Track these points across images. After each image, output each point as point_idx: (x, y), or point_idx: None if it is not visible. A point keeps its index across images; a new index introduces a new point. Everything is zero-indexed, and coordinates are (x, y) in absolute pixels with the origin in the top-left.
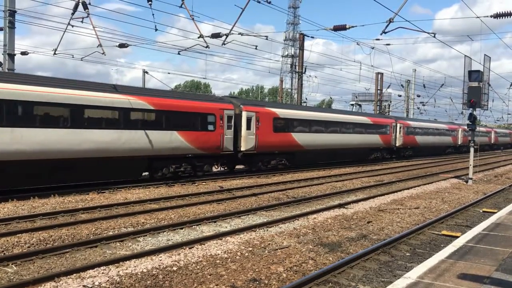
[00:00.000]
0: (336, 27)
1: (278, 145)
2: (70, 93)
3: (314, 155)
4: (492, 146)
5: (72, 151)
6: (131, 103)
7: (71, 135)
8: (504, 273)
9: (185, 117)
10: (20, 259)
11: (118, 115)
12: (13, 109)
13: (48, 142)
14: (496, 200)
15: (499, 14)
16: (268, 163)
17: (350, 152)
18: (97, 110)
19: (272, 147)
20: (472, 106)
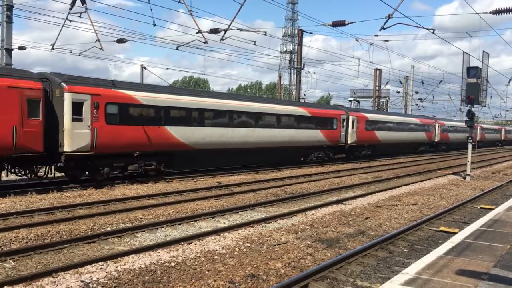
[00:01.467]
0: (335, 23)
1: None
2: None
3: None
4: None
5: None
6: (299, 112)
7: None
8: (502, 269)
9: (323, 120)
10: (18, 255)
11: (293, 119)
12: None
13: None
14: (494, 196)
15: (499, 10)
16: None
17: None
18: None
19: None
20: (470, 102)
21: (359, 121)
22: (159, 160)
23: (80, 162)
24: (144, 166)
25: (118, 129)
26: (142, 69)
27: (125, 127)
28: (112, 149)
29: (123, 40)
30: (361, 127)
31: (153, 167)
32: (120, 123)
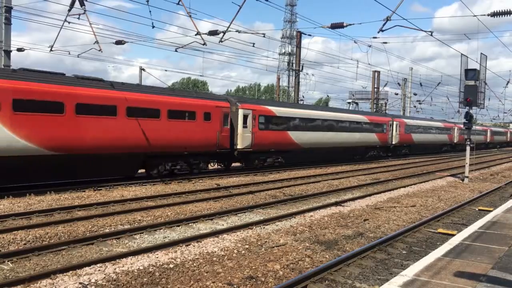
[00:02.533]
0: (333, 25)
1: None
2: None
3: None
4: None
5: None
6: (363, 119)
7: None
8: (500, 271)
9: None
10: (16, 256)
11: (359, 125)
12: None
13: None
14: (492, 198)
15: (497, 12)
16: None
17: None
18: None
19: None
20: (468, 104)
21: (400, 126)
22: (282, 156)
23: (244, 155)
24: (276, 159)
25: (265, 133)
26: (141, 70)
27: (268, 132)
28: (261, 147)
29: (121, 41)
30: (401, 131)
31: (279, 160)
32: (265, 129)
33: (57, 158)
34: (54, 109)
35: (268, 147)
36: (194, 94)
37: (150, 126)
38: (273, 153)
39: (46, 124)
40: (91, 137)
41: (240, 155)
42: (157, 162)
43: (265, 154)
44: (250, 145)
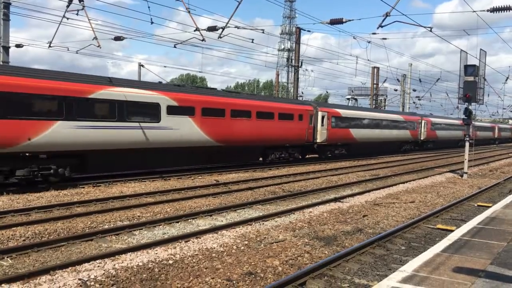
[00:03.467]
0: (332, 20)
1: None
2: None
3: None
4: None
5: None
6: (399, 118)
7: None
8: (499, 266)
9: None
10: (16, 252)
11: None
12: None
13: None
14: (491, 194)
15: (496, 8)
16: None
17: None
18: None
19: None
20: (467, 100)
21: (427, 124)
22: (345, 148)
23: (321, 148)
24: (341, 151)
25: (336, 130)
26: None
27: (337, 129)
28: (332, 141)
29: (120, 37)
30: (428, 128)
31: (343, 151)
32: (336, 127)
33: (220, 147)
34: (220, 114)
35: (337, 141)
36: (292, 101)
37: (267, 126)
38: (339, 146)
39: (216, 124)
40: (237, 133)
41: (318, 148)
42: (270, 152)
43: (334, 147)
44: (325, 139)
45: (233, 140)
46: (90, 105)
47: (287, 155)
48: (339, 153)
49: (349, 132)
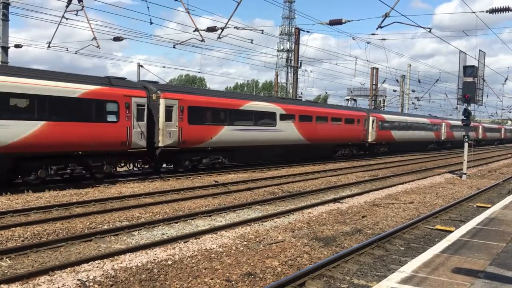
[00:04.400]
0: (332, 21)
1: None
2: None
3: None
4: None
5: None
6: (427, 121)
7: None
8: (498, 267)
9: (435, 126)
10: (15, 253)
11: (425, 125)
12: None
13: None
14: (490, 195)
15: (495, 9)
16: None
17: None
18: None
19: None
20: (466, 101)
21: (446, 126)
22: (388, 147)
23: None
24: (384, 149)
25: (382, 132)
26: (139, 67)
27: (383, 131)
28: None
29: (119, 38)
30: (447, 130)
31: (386, 149)
32: (381, 129)
33: (308, 145)
34: (309, 119)
35: (382, 141)
36: (353, 108)
37: (337, 128)
38: (383, 145)
39: (307, 127)
40: (319, 134)
41: (369, 146)
42: (338, 149)
43: (379, 146)
44: (375, 139)
45: (317, 139)
46: (240, 114)
47: (349, 152)
48: (383, 151)
49: (390, 134)
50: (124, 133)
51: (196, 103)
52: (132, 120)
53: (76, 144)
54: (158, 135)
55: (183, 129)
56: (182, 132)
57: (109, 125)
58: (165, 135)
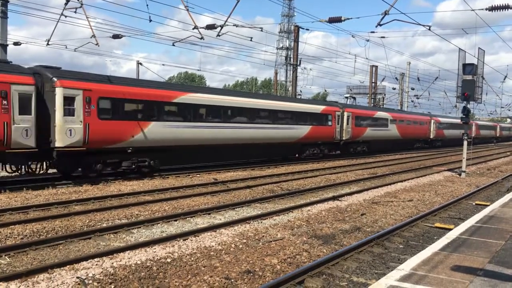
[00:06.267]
0: (331, 19)
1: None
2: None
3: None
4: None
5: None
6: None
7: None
8: (497, 265)
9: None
10: (13, 251)
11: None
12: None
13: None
14: (489, 193)
15: (495, 7)
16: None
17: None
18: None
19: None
20: (466, 99)
21: (475, 126)
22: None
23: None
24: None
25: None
26: (138, 65)
27: (439, 130)
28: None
29: (119, 35)
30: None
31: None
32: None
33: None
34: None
35: (439, 137)
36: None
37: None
38: (439, 141)
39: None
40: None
41: (431, 141)
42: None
43: (438, 141)
44: (435, 136)
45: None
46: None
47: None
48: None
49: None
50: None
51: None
52: (12, 113)
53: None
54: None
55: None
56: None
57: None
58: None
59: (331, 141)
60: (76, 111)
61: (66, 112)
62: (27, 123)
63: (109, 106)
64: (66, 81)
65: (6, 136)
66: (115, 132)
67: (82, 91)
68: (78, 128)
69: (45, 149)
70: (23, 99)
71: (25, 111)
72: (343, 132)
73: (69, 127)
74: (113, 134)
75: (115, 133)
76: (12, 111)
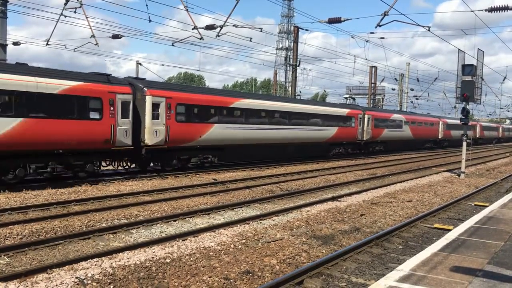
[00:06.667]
0: (331, 19)
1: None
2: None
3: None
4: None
5: None
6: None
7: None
8: (496, 266)
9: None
10: (12, 251)
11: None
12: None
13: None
14: (488, 193)
15: (495, 8)
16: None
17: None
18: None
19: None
20: (465, 100)
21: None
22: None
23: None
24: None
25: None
26: (138, 65)
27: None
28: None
29: (118, 35)
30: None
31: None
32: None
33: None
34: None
35: (446, 138)
36: (428, 115)
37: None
38: (447, 141)
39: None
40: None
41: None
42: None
43: (445, 141)
44: (443, 136)
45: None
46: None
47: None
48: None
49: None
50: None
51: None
52: (117, 117)
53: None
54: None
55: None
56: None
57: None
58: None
59: (354, 141)
60: (160, 115)
61: (153, 116)
62: (126, 125)
63: (183, 111)
64: (153, 90)
65: (113, 136)
66: (188, 132)
67: (165, 98)
68: (162, 130)
69: (137, 146)
70: (124, 106)
71: (125, 115)
72: (364, 133)
73: (155, 129)
74: (186, 135)
75: (188, 134)
76: (116, 115)
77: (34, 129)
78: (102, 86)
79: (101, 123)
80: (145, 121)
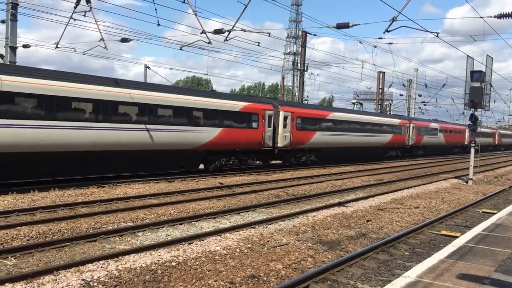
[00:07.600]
0: (339, 25)
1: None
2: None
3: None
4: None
5: None
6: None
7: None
8: (504, 274)
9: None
10: (20, 252)
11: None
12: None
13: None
14: (496, 201)
15: (503, 14)
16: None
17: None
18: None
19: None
20: (473, 106)
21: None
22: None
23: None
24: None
25: (500, 139)
26: (146, 68)
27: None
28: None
29: (127, 39)
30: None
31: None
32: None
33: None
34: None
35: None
36: (456, 123)
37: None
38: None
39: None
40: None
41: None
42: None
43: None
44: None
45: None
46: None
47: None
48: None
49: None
50: (261, 136)
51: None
52: (265, 127)
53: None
54: (278, 138)
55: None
56: (292, 136)
57: (253, 131)
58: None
59: (403, 146)
60: (287, 125)
61: (283, 126)
62: (270, 132)
63: (300, 122)
64: (284, 107)
65: (263, 140)
66: (302, 137)
67: (290, 113)
68: (288, 136)
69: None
70: (269, 118)
71: (269, 125)
72: (410, 139)
73: (284, 135)
74: (301, 139)
75: (302, 138)
76: (265, 125)
77: (226, 135)
78: (258, 105)
79: (257, 131)
80: (278, 129)
